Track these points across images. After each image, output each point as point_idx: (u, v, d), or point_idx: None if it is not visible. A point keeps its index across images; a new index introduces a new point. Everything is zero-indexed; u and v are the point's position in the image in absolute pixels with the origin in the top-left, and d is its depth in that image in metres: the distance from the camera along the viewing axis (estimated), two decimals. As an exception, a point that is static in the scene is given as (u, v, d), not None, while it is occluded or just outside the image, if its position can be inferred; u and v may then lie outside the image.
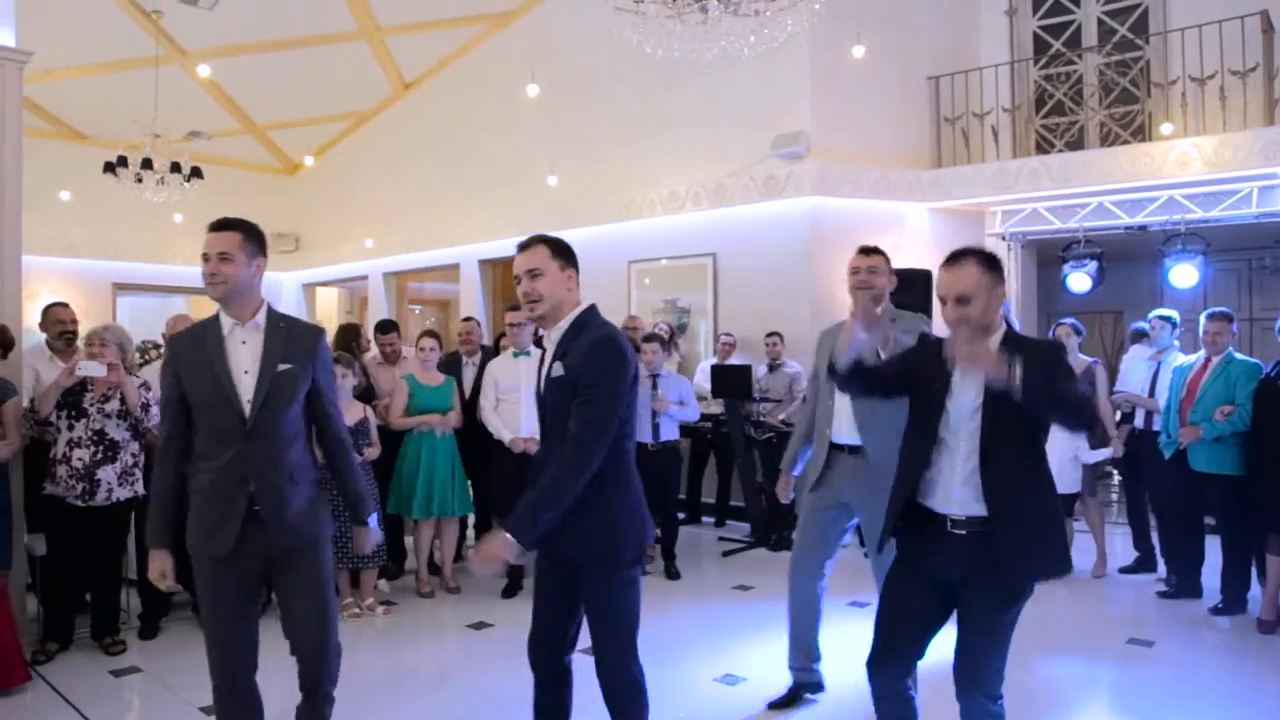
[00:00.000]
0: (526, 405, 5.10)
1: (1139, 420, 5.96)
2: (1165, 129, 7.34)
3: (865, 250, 3.55)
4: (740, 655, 4.42)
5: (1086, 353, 6.17)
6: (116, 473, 4.34)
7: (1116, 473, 7.55)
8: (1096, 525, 6.00)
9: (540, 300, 2.57)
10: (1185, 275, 7.26)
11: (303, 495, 2.70)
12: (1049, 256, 8.60)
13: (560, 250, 2.62)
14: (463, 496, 5.57)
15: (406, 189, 11.68)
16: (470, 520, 6.10)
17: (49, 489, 4.30)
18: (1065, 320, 6.04)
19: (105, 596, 4.47)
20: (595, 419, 2.47)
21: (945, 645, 2.68)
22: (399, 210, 11.79)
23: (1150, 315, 6.06)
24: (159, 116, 9.28)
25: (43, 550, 4.46)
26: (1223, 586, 5.10)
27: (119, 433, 4.38)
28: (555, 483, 2.45)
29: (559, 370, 2.55)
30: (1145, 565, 6.00)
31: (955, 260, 2.54)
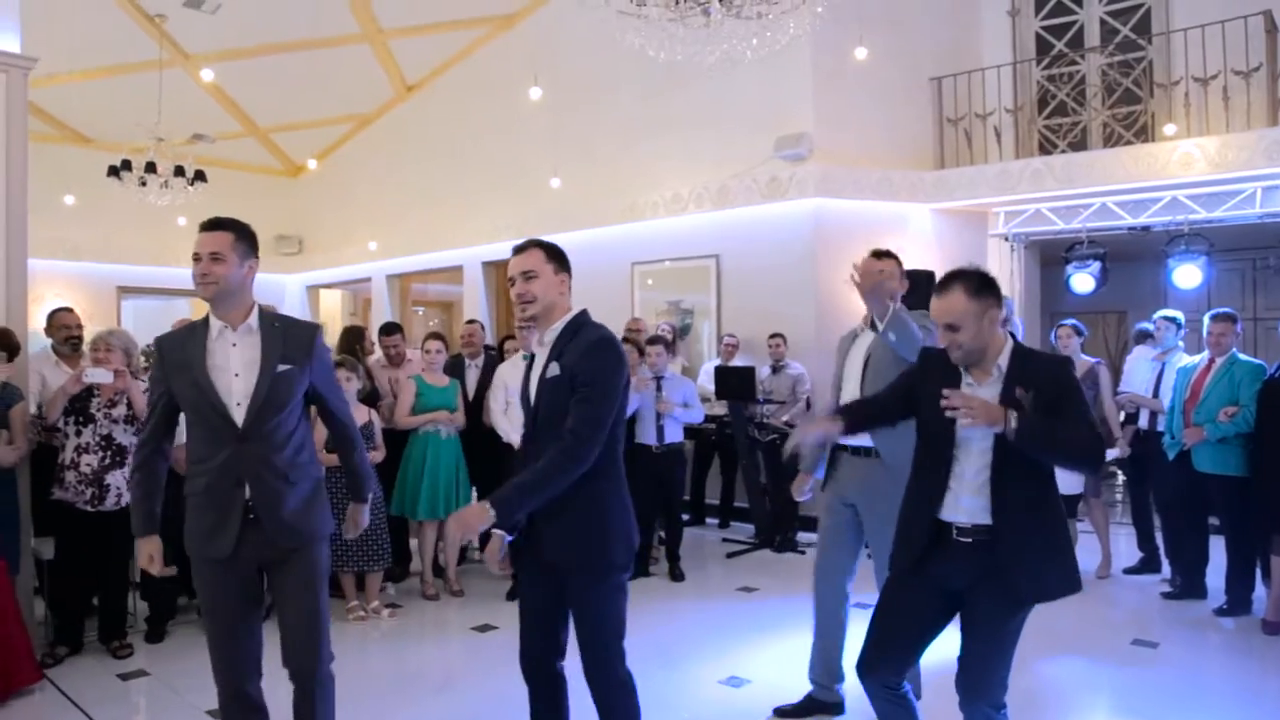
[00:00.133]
0: None
1: (1143, 421, 5.96)
2: (1168, 129, 7.34)
3: (877, 254, 3.56)
4: (745, 657, 4.43)
5: (1090, 353, 6.17)
6: (125, 477, 4.34)
7: (1121, 473, 7.54)
8: (1101, 526, 5.99)
9: (534, 301, 2.60)
10: (1189, 276, 7.26)
11: (300, 495, 2.68)
12: (1052, 257, 8.61)
13: (555, 254, 2.65)
14: (466, 499, 5.57)
15: (409, 191, 11.70)
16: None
17: (58, 494, 4.32)
18: (1067, 321, 6.04)
19: (113, 600, 4.49)
20: (593, 416, 2.50)
21: (948, 652, 2.68)
22: (402, 212, 11.81)
23: (1155, 316, 6.06)
24: (162, 120, 9.31)
25: (50, 554, 4.48)
26: (1227, 587, 5.10)
27: (126, 437, 4.39)
28: (548, 472, 2.46)
29: (555, 370, 2.57)
30: (1150, 566, 6.00)
31: (943, 287, 2.55)
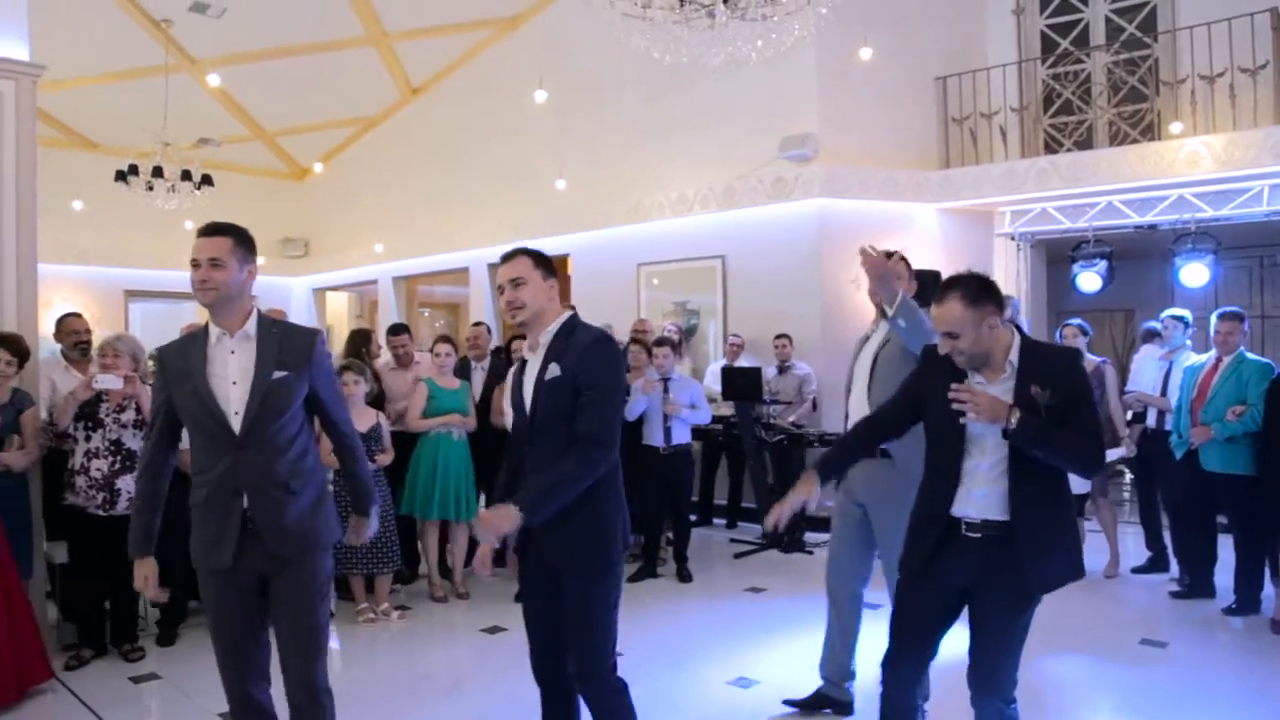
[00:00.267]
0: None
1: (1151, 420, 5.96)
2: (1175, 128, 7.31)
3: (885, 255, 3.56)
4: (753, 658, 4.43)
5: (1097, 352, 6.16)
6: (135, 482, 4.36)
7: (1128, 471, 7.53)
8: (1109, 525, 5.99)
9: (524, 308, 2.64)
10: (1196, 274, 7.25)
11: (302, 504, 2.63)
12: (1058, 256, 8.59)
13: (542, 261, 2.69)
14: (474, 501, 5.58)
15: (415, 193, 11.73)
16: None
17: (69, 499, 4.34)
18: (1072, 321, 6.03)
19: (124, 604, 4.50)
20: (605, 418, 2.56)
21: (957, 648, 2.69)
22: (408, 214, 11.84)
23: (1162, 315, 6.05)
24: (169, 124, 9.36)
25: (62, 558, 4.51)
26: (1236, 586, 5.09)
27: (135, 442, 4.41)
28: (571, 475, 2.50)
29: (555, 371, 2.59)
30: (1158, 565, 5.99)
31: (941, 296, 2.57)
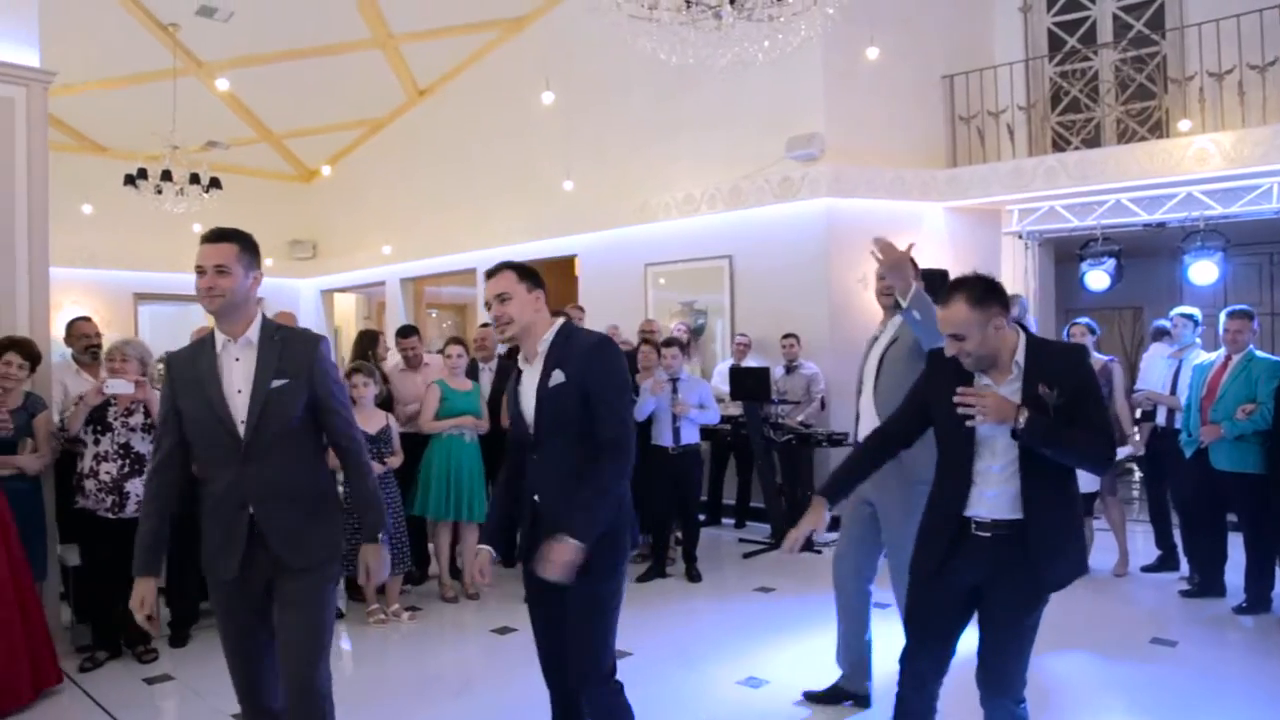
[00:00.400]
0: None
1: (1160, 418, 5.94)
2: (1183, 125, 7.29)
3: (887, 249, 3.57)
4: (763, 658, 4.44)
5: (1105, 350, 6.15)
6: (144, 485, 4.37)
7: (1137, 469, 7.52)
8: (1117, 524, 5.98)
9: (511, 323, 2.66)
10: (1205, 272, 7.22)
11: (307, 515, 2.59)
12: (1067, 254, 8.57)
13: (526, 274, 2.70)
14: (484, 501, 5.60)
15: (422, 195, 11.76)
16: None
17: (79, 503, 4.37)
18: (1080, 320, 6.02)
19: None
20: (622, 419, 2.62)
21: (966, 647, 2.70)
22: (415, 216, 11.87)
23: (1172, 313, 6.03)
24: (177, 128, 9.39)
25: (75, 561, 4.54)
26: (1246, 585, 5.08)
27: (144, 445, 4.41)
28: (608, 483, 2.55)
29: (559, 378, 2.60)
30: (1167, 564, 5.98)
31: (946, 298, 2.57)
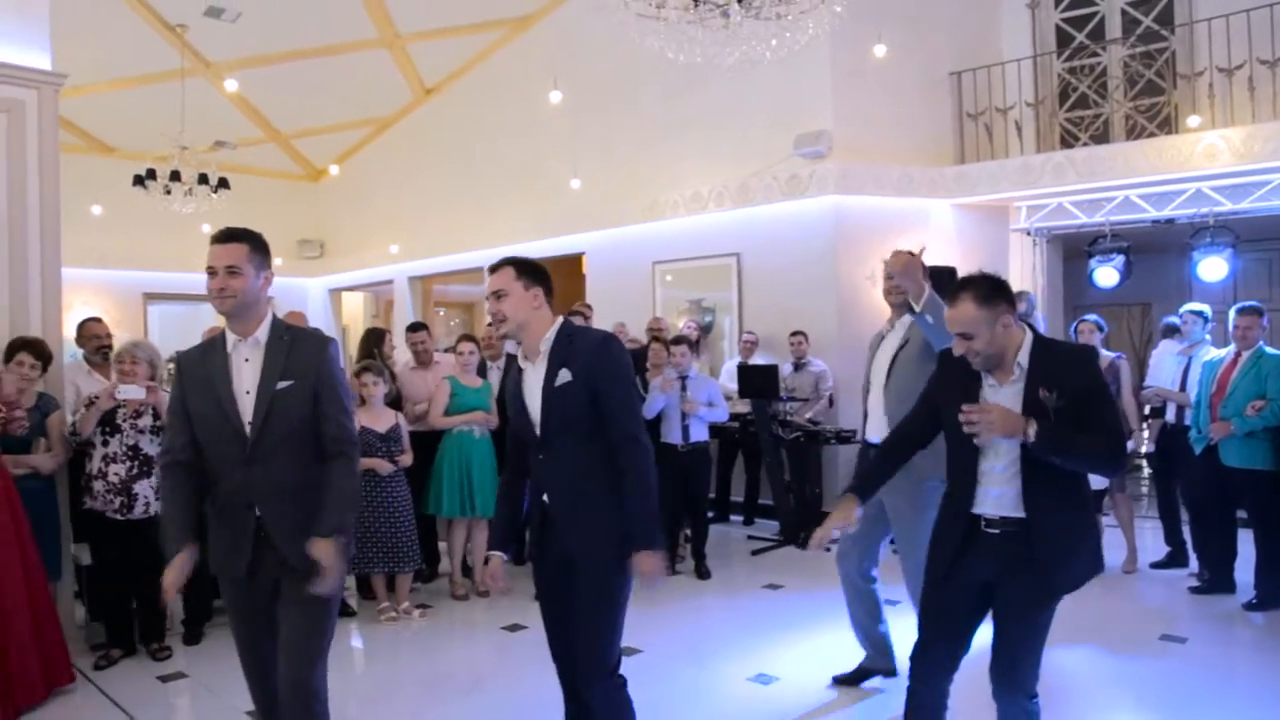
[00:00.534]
0: None
1: (1170, 415, 5.93)
2: (1192, 121, 7.25)
3: (899, 255, 3.59)
4: (773, 655, 4.45)
5: (1114, 347, 6.14)
6: (152, 486, 4.39)
7: (1147, 465, 7.50)
8: (1126, 520, 5.97)
9: (505, 320, 2.67)
10: (1214, 268, 7.19)
11: (316, 516, 2.55)
12: (1075, 251, 8.54)
13: (526, 270, 2.69)
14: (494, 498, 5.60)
15: (429, 194, 11.78)
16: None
17: (88, 504, 4.40)
18: (1088, 317, 6.01)
19: (151, 604, 4.54)
20: (633, 411, 2.67)
21: (979, 642, 2.71)
22: (422, 215, 11.89)
23: (1181, 310, 6.02)
24: (185, 128, 9.42)
25: (88, 560, 4.57)
26: (1257, 582, 5.07)
27: (153, 447, 4.43)
28: (644, 480, 2.58)
29: (565, 377, 2.61)
30: (1177, 560, 5.97)
31: (954, 297, 2.58)
